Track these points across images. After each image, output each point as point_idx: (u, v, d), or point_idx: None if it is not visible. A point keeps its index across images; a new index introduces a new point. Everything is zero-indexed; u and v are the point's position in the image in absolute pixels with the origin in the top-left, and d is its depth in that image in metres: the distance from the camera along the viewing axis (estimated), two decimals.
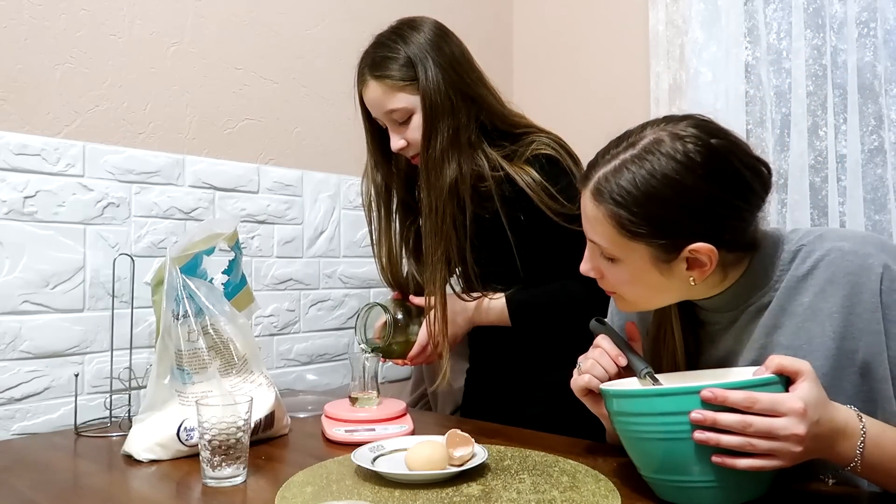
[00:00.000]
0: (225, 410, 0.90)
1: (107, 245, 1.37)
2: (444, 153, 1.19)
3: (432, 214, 1.21)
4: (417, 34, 1.21)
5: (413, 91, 1.19)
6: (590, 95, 2.13)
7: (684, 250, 0.80)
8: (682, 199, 0.79)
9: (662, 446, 0.74)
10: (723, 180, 0.80)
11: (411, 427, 1.14)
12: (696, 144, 0.79)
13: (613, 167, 0.82)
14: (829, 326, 0.82)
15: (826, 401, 0.72)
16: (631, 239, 0.82)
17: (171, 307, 1.06)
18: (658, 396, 0.75)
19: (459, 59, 1.23)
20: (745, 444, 0.69)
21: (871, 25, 1.66)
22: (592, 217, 0.85)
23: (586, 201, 0.86)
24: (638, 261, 0.84)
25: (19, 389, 1.26)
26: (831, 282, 0.82)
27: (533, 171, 1.20)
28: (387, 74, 1.19)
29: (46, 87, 1.31)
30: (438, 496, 0.82)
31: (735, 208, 0.81)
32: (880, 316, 0.79)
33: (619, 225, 0.82)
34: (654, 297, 0.89)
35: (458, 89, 1.20)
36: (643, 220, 0.80)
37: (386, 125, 1.26)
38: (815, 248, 0.85)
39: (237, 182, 1.59)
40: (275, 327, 1.66)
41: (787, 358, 0.72)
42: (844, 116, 1.68)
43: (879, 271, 0.80)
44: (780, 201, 1.77)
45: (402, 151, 1.26)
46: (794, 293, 0.85)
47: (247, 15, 1.63)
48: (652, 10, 1.93)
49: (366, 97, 1.24)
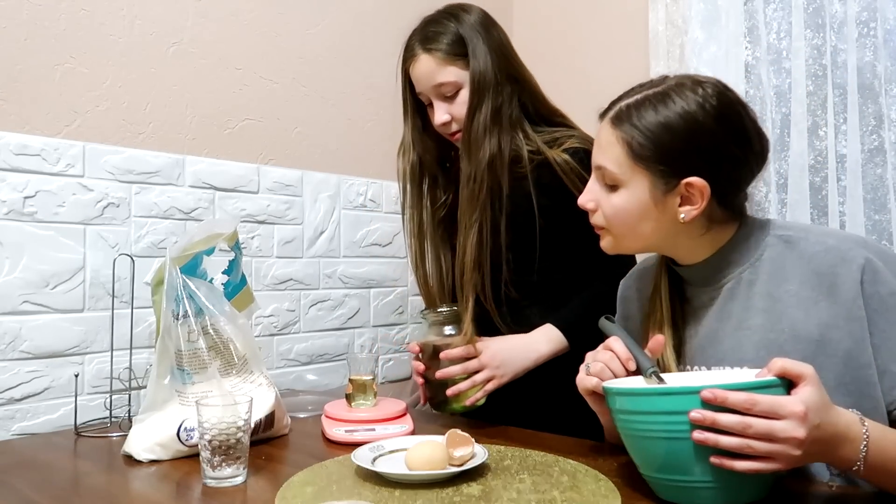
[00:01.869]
0: (225, 410, 0.90)
1: (107, 245, 1.37)
2: (487, 128, 1.23)
3: (470, 182, 1.23)
4: (468, 15, 1.27)
5: (463, 66, 1.23)
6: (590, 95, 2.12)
7: (681, 183, 0.87)
8: (691, 133, 0.86)
9: (663, 445, 0.74)
10: (730, 126, 0.88)
11: (411, 427, 1.14)
12: (715, 90, 0.88)
13: (636, 100, 0.90)
14: (815, 314, 0.85)
15: (828, 405, 0.71)
16: (637, 162, 0.88)
17: (171, 307, 1.06)
18: (659, 395, 0.75)
19: (506, 44, 1.29)
20: (743, 446, 0.69)
21: (871, 25, 1.66)
22: (605, 141, 0.92)
23: (603, 128, 0.93)
24: (637, 187, 0.89)
25: (19, 389, 1.26)
26: (816, 273, 0.86)
27: (571, 159, 1.23)
28: (438, 48, 1.24)
29: (46, 87, 1.31)
30: (438, 496, 0.82)
31: (734, 158, 0.88)
32: (861, 303, 0.83)
33: (629, 147, 0.88)
34: (641, 233, 0.93)
35: (504, 69, 1.26)
36: (652, 144, 0.87)
37: (430, 101, 1.28)
38: (800, 237, 0.90)
39: (237, 182, 1.59)
40: (275, 327, 1.66)
41: (790, 361, 0.72)
42: (844, 116, 1.68)
43: (861, 262, 0.84)
44: (780, 201, 1.77)
45: (444, 128, 1.28)
46: (780, 280, 0.89)
47: (247, 15, 1.63)
48: (652, 10, 1.93)
49: (414, 71, 1.26)
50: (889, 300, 0.82)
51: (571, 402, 1.14)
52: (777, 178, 1.78)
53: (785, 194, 1.75)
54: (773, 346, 0.87)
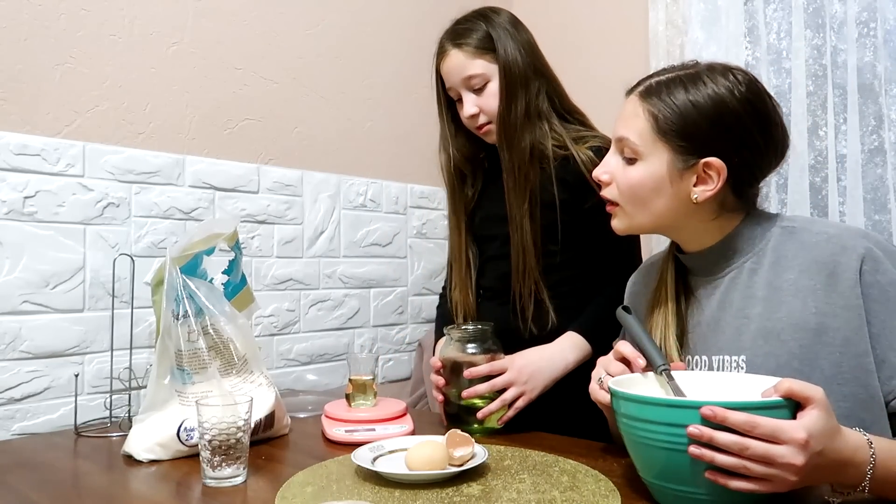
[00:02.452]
0: (225, 410, 0.90)
1: (107, 245, 1.37)
2: (524, 119, 1.27)
3: (514, 172, 1.27)
4: (497, 16, 1.31)
5: (491, 59, 1.27)
6: (590, 95, 2.12)
7: (700, 162, 0.88)
8: (718, 114, 0.88)
9: (663, 454, 0.74)
10: (756, 113, 0.89)
11: (411, 427, 1.14)
12: (745, 78, 0.90)
13: (667, 78, 0.92)
14: (812, 302, 0.86)
15: (835, 430, 0.70)
16: (660, 136, 0.90)
17: (171, 307, 1.06)
18: (662, 406, 0.74)
19: (533, 42, 1.34)
20: (739, 466, 0.68)
21: (871, 25, 1.66)
22: (631, 113, 0.93)
23: (629, 102, 0.94)
24: (655, 161, 0.90)
25: (19, 389, 1.26)
26: (816, 261, 0.87)
27: (594, 156, 1.25)
28: (466, 42, 1.28)
29: (46, 87, 1.31)
30: (438, 496, 0.82)
31: (756, 145, 0.89)
32: (859, 292, 0.83)
33: (654, 120, 0.90)
34: (653, 209, 0.93)
35: (532, 64, 1.29)
36: (679, 120, 0.88)
37: (460, 96, 1.30)
38: (802, 228, 0.91)
39: (237, 182, 1.59)
40: (275, 327, 1.66)
41: (799, 383, 0.70)
42: (844, 116, 1.67)
43: (861, 252, 0.84)
44: (780, 201, 1.77)
45: (472, 121, 1.30)
46: (779, 268, 0.89)
47: (247, 15, 1.63)
48: (652, 10, 1.93)
49: (445, 66, 1.30)
50: (889, 290, 0.82)
51: (572, 401, 1.14)
52: (777, 178, 1.77)
53: (785, 194, 1.75)
54: (770, 335, 0.88)
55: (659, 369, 0.88)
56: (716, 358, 0.93)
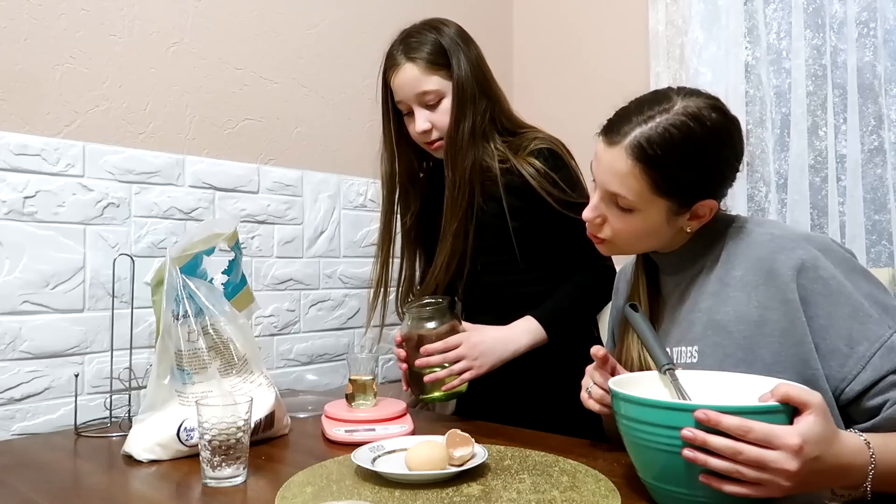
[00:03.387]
0: (225, 410, 0.90)
1: (107, 245, 1.37)
2: (469, 138, 1.28)
3: (454, 190, 1.28)
4: (447, 28, 1.31)
5: (445, 76, 1.28)
6: (589, 95, 2.13)
7: (696, 205, 0.92)
8: (708, 162, 0.90)
9: (662, 456, 0.74)
10: (734, 147, 0.93)
11: (411, 427, 1.14)
12: (720, 115, 0.91)
13: (652, 128, 0.89)
14: (754, 296, 0.90)
15: (832, 436, 0.69)
16: (659, 195, 0.91)
17: (171, 307, 1.06)
18: (659, 408, 0.74)
19: (482, 59, 1.34)
20: (732, 471, 0.68)
21: (871, 25, 1.66)
22: (623, 171, 0.91)
23: (617, 154, 0.91)
24: (654, 213, 0.92)
25: (19, 389, 1.26)
26: (759, 258, 0.91)
27: (536, 161, 1.28)
28: (423, 57, 1.27)
29: (46, 87, 1.31)
30: (438, 496, 0.82)
31: (734, 171, 0.94)
32: (794, 287, 0.86)
33: (652, 182, 0.90)
34: (644, 244, 0.99)
35: (480, 84, 1.30)
36: (676, 180, 0.89)
37: (410, 110, 1.31)
38: (753, 229, 0.95)
39: (237, 182, 1.59)
40: (275, 327, 1.66)
41: (796, 387, 0.70)
42: (844, 116, 1.68)
43: (800, 253, 0.87)
44: (780, 201, 1.77)
45: (424, 136, 1.31)
46: (728, 265, 0.94)
47: (247, 15, 1.63)
48: (652, 10, 1.93)
49: (397, 79, 1.29)
50: (832, 283, 0.86)
51: (571, 401, 1.14)
52: (777, 178, 1.78)
53: (785, 194, 1.75)
54: (718, 327, 0.92)
55: (663, 368, 0.88)
56: (675, 349, 0.97)
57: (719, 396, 0.85)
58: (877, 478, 0.72)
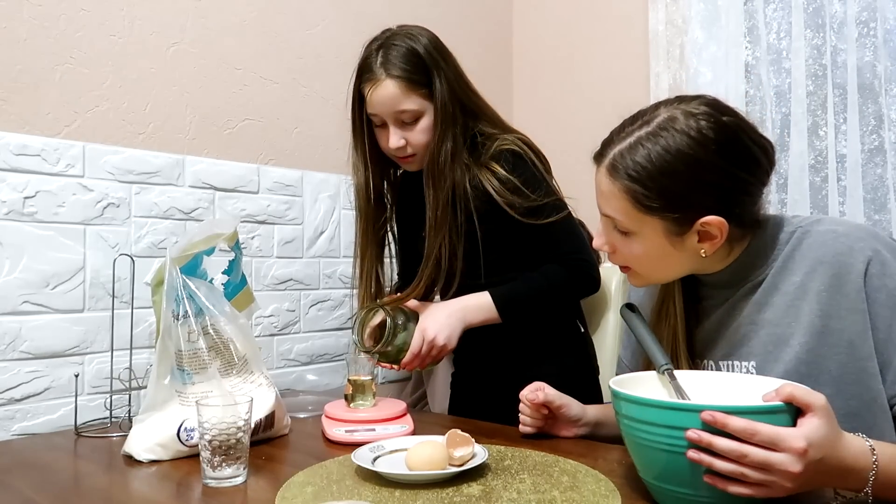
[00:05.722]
0: (225, 411, 0.90)
1: (107, 245, 1.37)
2: (450, 159, 1.27)
3: (437, 210, 1.27)
4: (426, 40, 1.27)
5: (425, 96, 1.26)
6: (589, 95, 2.13)
7: (696, 223, 0.85)
8: (695, 173, 0.83)
9: (664, 456, 0.73)
10: (733, 155, 0.84)
11: (411, 427, 1.14)
12: (709, 121, 0.84)
13: (629, 144, 0.86)
14: (817, 304, 0.85)
15: (836, 438, 0.69)
16: (646, 213, 0.86)
17: (171, 307, 1.06)
18: (662, 408, 0.74)
19: (461, 72, 1.31)
20: (737, 473, 0.68)
21: (871, 25, 1.66)
22: (608, 192, 0.88)
23: (601, 177, 0.89)
24: (651, 234, 0.88)
25: (19, 390, 1.26)
26: (821, 262, 0.86)
27: (498, 168, 1.27)
28: (404, 76, 1.24)
29: (46, 87, 1.31)
30: (438, 496, 0.82)
31: (743, 182, 0.86)
32: (864, 296, 0.82)
33: (634, 199, 0.85)
34: (665, 270, 0.93)
35: (460, 101, 1.29)
36: (657, 194, 0.84)
37: (383, 122, 1.29)
38: (810, 229, 0.89)
39: (237, 182, 1.59)
40: (275, 327, 1.66)
41: (800, 388, 0.69)
42: (844, 116, 1.68)
43: (868, 254, 0.83)
44: (780, 201, 1.77)
45: (398, 151, 1.29)
46: (786, 272, 0.89)
47: (247, 15, 1.63)
48: (652, 10, 1.93)
49: (376, 94, 1.25)
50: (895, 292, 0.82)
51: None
52: (777, 178, 1.78)
53: (785, 194, 1.75)
54: (780, 341, 0.87)
55: (661, 369, 0.87)
56: (724, 363, 0.93)
57: (718, 396, 0.84)
58: (879, 484, 0.71)
